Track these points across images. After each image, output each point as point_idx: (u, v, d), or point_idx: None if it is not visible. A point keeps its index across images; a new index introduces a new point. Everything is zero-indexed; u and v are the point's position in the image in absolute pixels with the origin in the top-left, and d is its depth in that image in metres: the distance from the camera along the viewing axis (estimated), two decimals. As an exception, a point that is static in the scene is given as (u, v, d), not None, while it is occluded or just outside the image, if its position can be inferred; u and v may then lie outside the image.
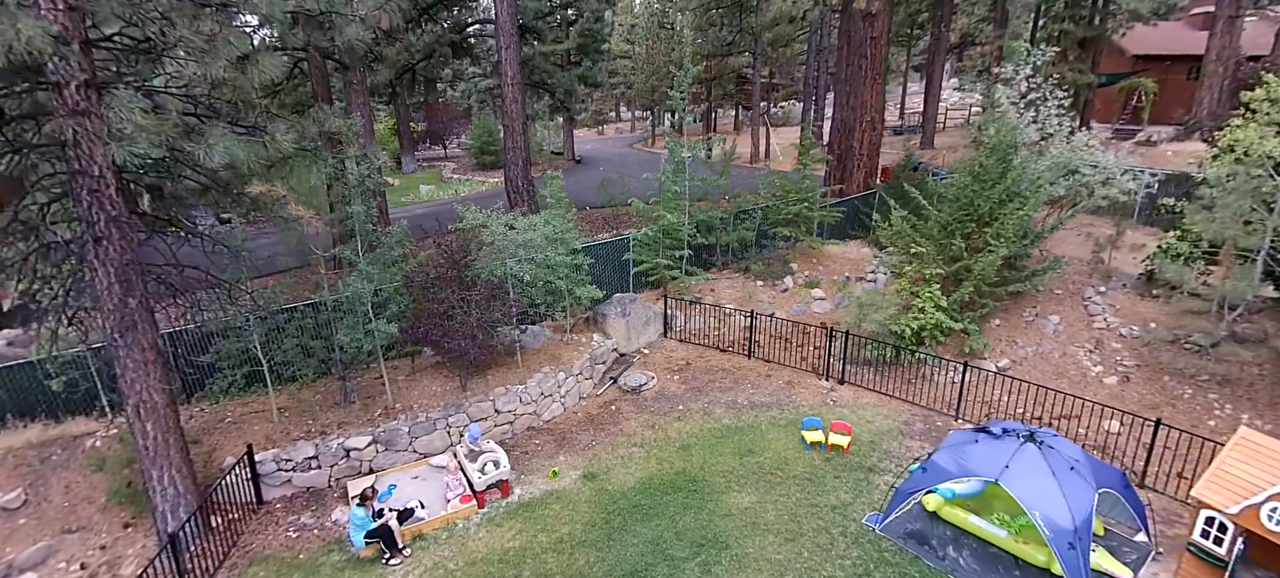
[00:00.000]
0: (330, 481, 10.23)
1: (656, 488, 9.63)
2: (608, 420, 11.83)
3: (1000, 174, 12.37)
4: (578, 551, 8.43)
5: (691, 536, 8.55)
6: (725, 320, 14.98)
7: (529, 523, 9.06)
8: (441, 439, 10.83)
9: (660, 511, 9.10)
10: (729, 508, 9.07)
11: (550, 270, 12.10)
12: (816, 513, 8.85)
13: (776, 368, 13.38)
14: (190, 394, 11.72)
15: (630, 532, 8.71)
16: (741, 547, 8.30)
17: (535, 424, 11.83)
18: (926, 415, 11.33)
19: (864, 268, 16.82)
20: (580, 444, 11.08)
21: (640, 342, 14.54)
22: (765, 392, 12.40)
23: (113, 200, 7.63)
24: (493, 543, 8.70)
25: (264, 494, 9.93)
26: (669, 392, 12.68)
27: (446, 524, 9.12)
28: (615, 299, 14.42)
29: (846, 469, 9.81)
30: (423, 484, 10.10)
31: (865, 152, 19.44)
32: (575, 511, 9.27)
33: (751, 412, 11.71)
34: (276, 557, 8.75)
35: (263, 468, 9.83)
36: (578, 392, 12.60)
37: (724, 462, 10.18)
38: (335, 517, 9.49)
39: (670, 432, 11.23)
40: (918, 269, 12.59)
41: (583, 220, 20.89)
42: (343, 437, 10.34)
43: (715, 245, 16.33)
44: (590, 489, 9.74)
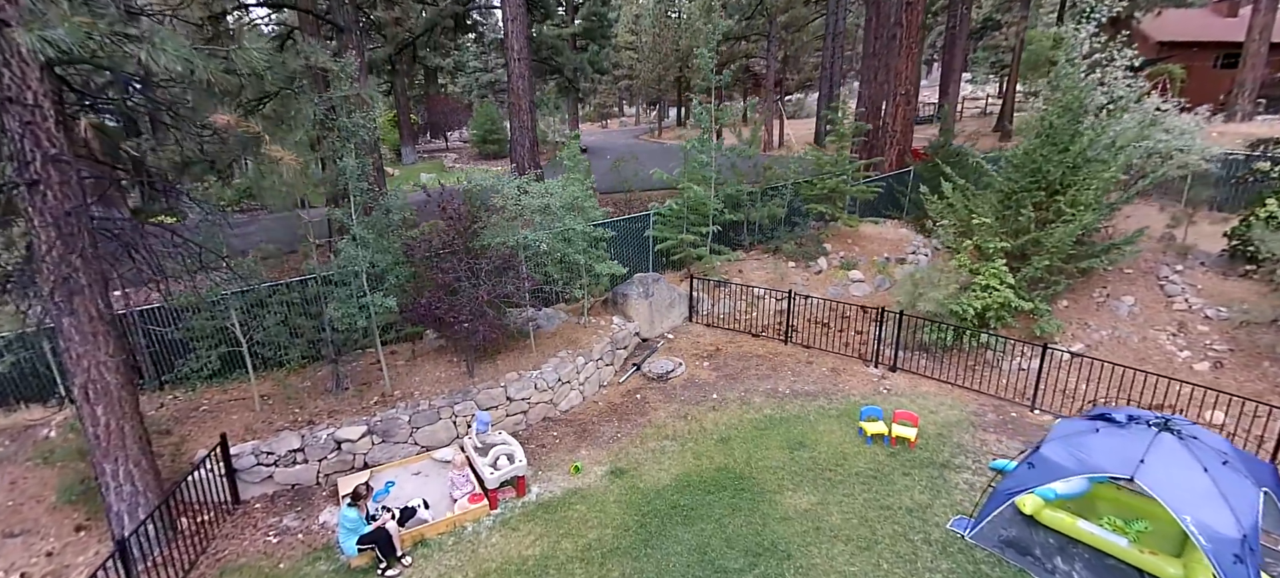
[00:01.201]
0: (318, 477, 8.88)
1: (696, 486, 8.29)
2: (633, 410, 10.49)
3: (1071, 136, 11.04)
4: (610, 560, 7.09)
5: (744, 542, 7.21)
6: (756, 303, 13.65)
7: (550, 526, 7.72)
8: (446, 430, 9.49)
9: (704, 512, 7.76)
10: (785, 510, 7.73)
11: (567, 243, 10.76)
12: (890, 517, 7.51)
13: (818, 354, 12.04)
14: (162, 381, 10.38)
15: (670, 537, 7.37)
16: (806, 557, 6.96)
17: (552, 415, 10.48)
18: (997, 405, 9.99)
19: (904, 249, 15.50)
20: (604, 437, 9.74)
21: (664, 326, 13.20)
22: (808, 380, 11.07)
23: (51, 136, 6.29)
24: (508, 550, 7.35)
25: (241, 493, 8.58)
26: (699, 379, 11.35)
27: (453, 528, 7.78)
28: (637, 279, 13.09)
29: (916, 466, 8.47)
30: (425, 481, 8.75)
31: (898, 127, 18.11)
32: (604, 512, 7.93)
33: (796, 401, 10.37)
34: (252, 566, 7.41)
35: (240, 462, 8.49)
36: (598, 379, 11.26)
37: (772, 456, 8.84)
38: (323, 519, 8.14)
39: (705, 423, 9.90)
40: (979, 243, 11.25)
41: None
42: (333, 427, 8.99)
43: (742, 223, 14.99)
44: (619, 488, 8.40)
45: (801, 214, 15.47)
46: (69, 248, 6.43)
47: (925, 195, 13.03)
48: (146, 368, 10.29)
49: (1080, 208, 10.43)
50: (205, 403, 9.88)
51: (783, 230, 15.29)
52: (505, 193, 9.85)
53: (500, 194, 9.90)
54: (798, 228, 15.41)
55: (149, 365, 10.25)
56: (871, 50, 20.38)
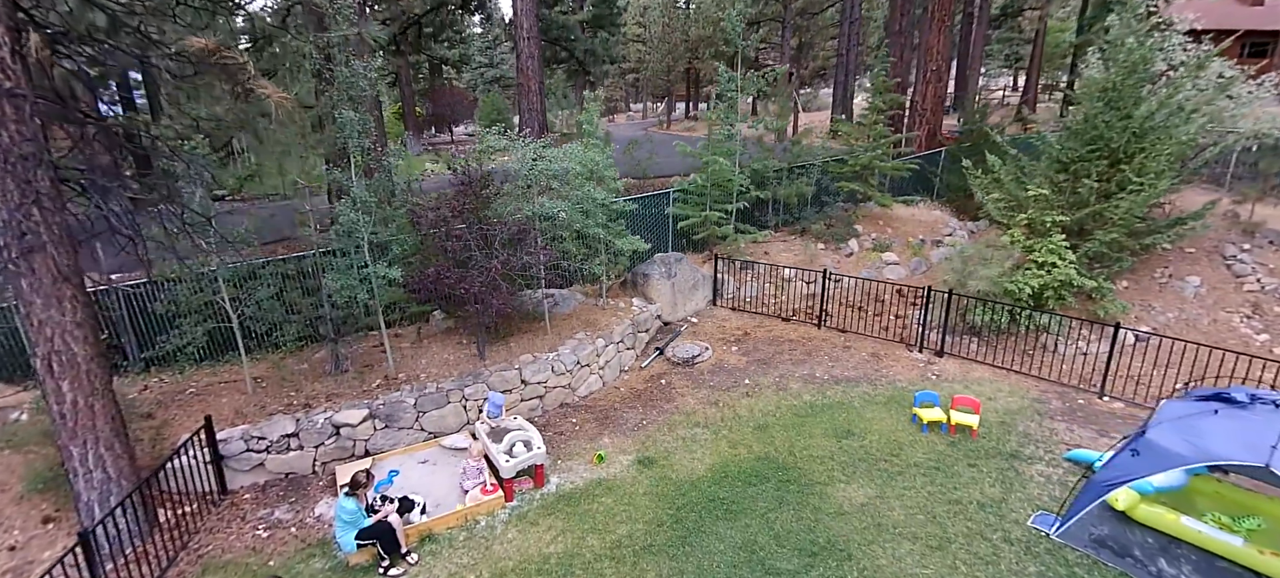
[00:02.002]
0: (315, 465, 8.04)
1: (735, 477, 7.41)
2: (658, 396, 9.61)
3: (1135, 100, 10.12)
4: (644, 559, 6.22)
5: (795, 540, 6.33)
6: (784, 286, 12.77)
7: (573, 521, 6.85)
8: (455, 415, 8.63)
9: (746, 506, 6.88)
10: (839, 504, 6.85)
11: (585, 215, 9.88)
12: (961, 512, 6.61)
13: (855, 338, 11.15)
14: (147, 363, 9.55)
15: (711, 533, 6.49)
16: (869, 557, 6.08)
17: (570, 400, 9.62)
18: (1060, 392, 9.08)
19: (940, 231, 14.59)
20: (628, 424, 8.87)
21: (687, 309, 12.32)
22: (848, 365, 10.18)
23: (5, 67, 5.46)
24: (526, 547, 6.49)
25: (229, 482, 7.74)
26: (728, 364, 10.46)
27: (464, 522, 6.92)
28: (658, 259, 12.21)
29: (982, 456, 7.58)
30: (432, 471, 7.90)
31: (928, 106, 17.20)
32: (633, 505, 7.06)
33: (836, 387, 9.48)
34: (238, 563, 6.56)
35: (227, 448, 7.65)
36: (619, 363, 10.39)
37: (817, 445, 7.96)
38: (319, 511, 7.30)
39: (739, 410, 9.02)
40: (1033, 218, 10.34)
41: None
42: (331, 410, 8.15)
43: (767, 203, 14.09)
44: (649, 478, 7.53)
45: (831, 193, 14.57)
46: (25, 195, 5.59)
47: (969, 170, 12.11)
48: (130, 349, 9.48)
49: (1150, 176, 9.51)
50: (192, 386, 9.05)
51: (810, 211, 14.40)
52: (520, 155, 8.97)
53: (516, 155, 9.01)
54: (826, 208, 14.52)
55: (133, 346, 9.44)
56: (897, 27, 19.49)
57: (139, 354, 9.40)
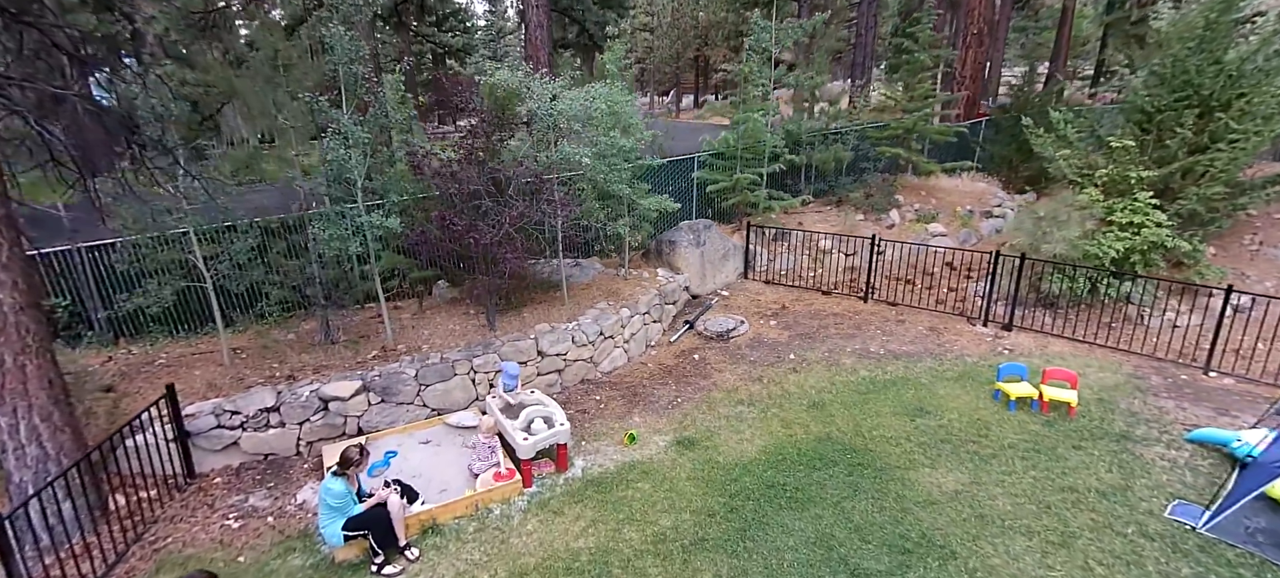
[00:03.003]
0: (299, 444, 6.89)
1: (794, 460, 6.26)
2: (692, 372, 8.46)
3: (1225, 46, 8.95)
4: (696, 555, 5.06)
5: (881, 534, 5.17)
6: (822, 258, 11.61)
7: (605, 510, 5.70)
8: (463, 390, 7.48)
9: (814, 493, 5.72)
10: (926, 491, 5.68)
11: (609, 167, 8.72)
12: (1079, 502, 5.45)
13: (908, 312, 9.99)
14: (116, 332, 8.42)
15: (775, 525, 5.33)
16: (977, 555, 4.91)
17: (592, 376, 8.47)
18: (1158, 367, 7.91)
19: (987, 201, 13.41)
20: (660, 401, 7.72)
21: (717, 281, 11.17)
22: (903, 340, 9.01)
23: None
24: (551, 540, 5.33)
25: (197, 463, 6.60)
26: (768, 338, 9.30)
27: (475, 511, 5.77)
28: (685, 226, 11.06)
29: (1087, 437, 6.41)
30: (436, 452, 6.76)
31: (968, 72, 16.01)
32: (675, 492, 5.90)
33: (896, 363, 8.31)
34: (201, 557, 5.41)
35: (196, 423, 6.50)
36: (645, 337, 9.24)
37: (886, 425, 6.80)
38: (302, 498, 6.16)
39: (787, 386, 7.86)
40: (1112, 176, 9.16)
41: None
42: (319, 382, 7.01)
43: (801, 169, 12.92)
44: (691, 462, 6.38)
45: (870, 159, 13.38)
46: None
47: (1030, 127, 10.93)
48: (95, 317, 8.35)
49: (1258, 122, 8.32)
50: (163, 357, 7.91)
51: (847, 179, 13.23)
52: (536, 92, 7.80)
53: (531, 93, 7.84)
54: (864, 176, 13.34)
55: (99, 314, 8.30)
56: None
57: (107, 325, 8.28)
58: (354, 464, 5.10)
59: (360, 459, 5.14)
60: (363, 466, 5.21)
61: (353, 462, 5.09)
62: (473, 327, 8.45)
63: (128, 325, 8.37)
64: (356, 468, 5.17)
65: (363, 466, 5.21)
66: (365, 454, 5.18)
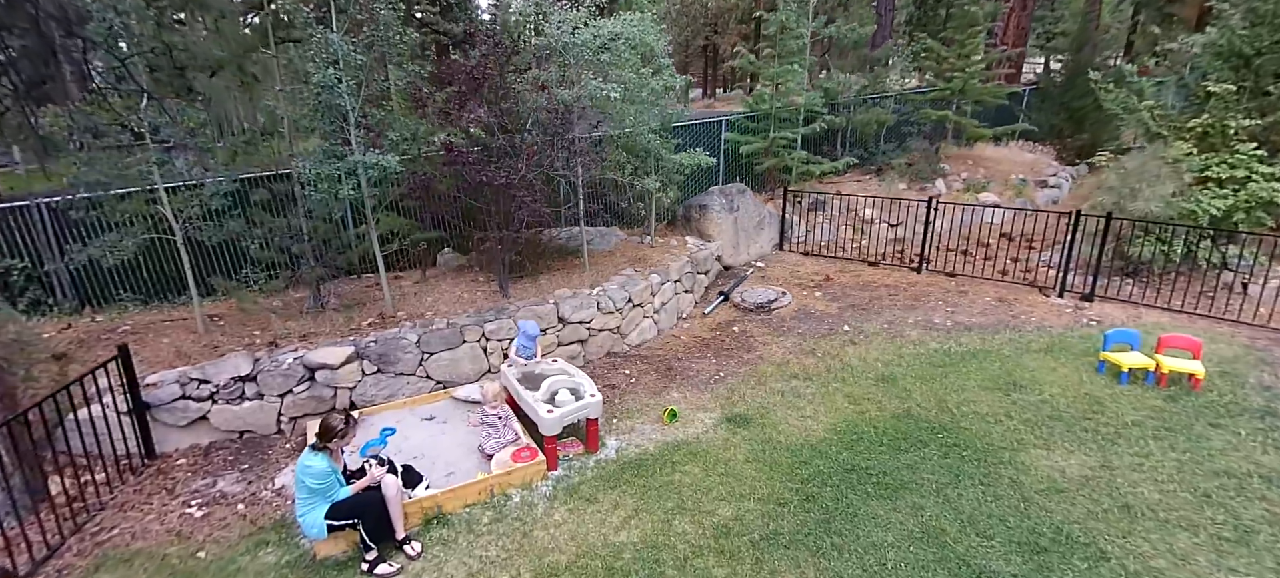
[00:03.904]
0: (280, 420, 5.86)
1: (873, 440, 5.20)
2: (733, 345, 7.41)
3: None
4: (770, 553, 4.00)
5: (1003, 529, 4.11)
6: (865, 229, 10.57)
7: (649, 497, 4.65)
8: (472, 359, 6.44)
9: (906, 479, 4.66)
10: (1047, 477, 4.63)
11: (639, 111, 7.66)
12: (1242, 490, 4.38)
13: (969, 282, 8.92)
14: (84, 300, 7.43)
15: (864, 517, 4.27)
16: (1134, 554, 3.85)
17: (619, 348, 7.42)
18: (1272, 337, 6.83)
19: (1041, 171, 12.35)
20: (700, 376, 6.67)
21: (751, 251, 10.11)
22: (971, 312, 7.94)
23: None
24: (585, 533, 4.28)
25: (159, 442, 5.57)
26: (815, 310, 8.25)
27: (489, 497, 4.72)
28: (716, 190, 10.00)
29: (1222, 414, 5.34)
30: (441, 431, 5.70)
31: (1011, 37, 14.92)
32: (733, 476, 4.85)
33: (968, 335, 7.25)
34: (151, 553, 4.38)
35: (158, 394, 5.47)
36: (676, 308, 8.19)
37: (976, 401, 5.74)
38: (282, 482, 5.12)
39: (847, 359, 6.80)
40: (1208, 126, 8.08)
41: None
42: (305, 349, 5.97)
43: (839, 134, 11.86)
44: (747, 441, 5.32)
45: (912, 123, 12.31)
46: None
47: (1098, 82, 9.85)
48: (60, 281, 7.35)
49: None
50: (128, 325, 6.89)
51: (888, 146, 12.17)
52: (555, 21, 6.74)
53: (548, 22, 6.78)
54: (907, 142, 12.27)
55: (64, 279, 7.30)
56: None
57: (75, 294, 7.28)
58: (337, 435, 4.05)
59: (346, 430, 4.08)
60: (349, 437, 4.16)
61: (335, 432, 4.04)
62: (483, 294, 7.41)
63: (95, 293, 7.38)
64: (341, 441, 4.12)
65: (349, 437, 4.16)
66: (352, 424, 4.13)
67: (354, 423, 4.18)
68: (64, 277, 7.36)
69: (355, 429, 4.26)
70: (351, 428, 4.14)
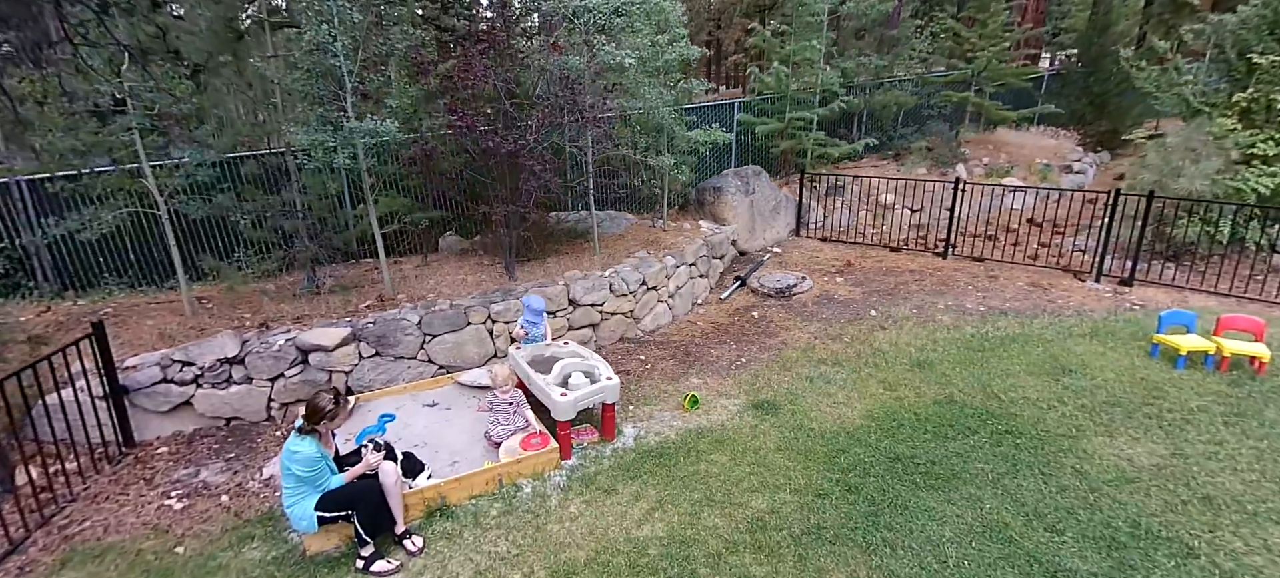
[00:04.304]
0: (270, 407, 5.43)
1: (915, 427, 4.78)
2: (753, 331, 6.98)
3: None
4: (813, 549, 3.58)
5: (1074, 523, 3.68)
6: (884, 214, 10.15)
7: (673, 487, 4.22)
8: (477, 343, 6.01)
9: (958, 468, 4.24)
10: (1114, 466, 4.20)
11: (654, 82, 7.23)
12: (1338, 477, 3.96)
13: (998, 267, 8.49)
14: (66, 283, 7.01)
15: (916, 510, 3.84)
16: (1225, 549, 3.43)
17: (632, 334, 7.00)
18: (1336, 322, 6.40)
19: (1064, 156, 11.92)
20: (720, 362, 6.24)
21: (768, 236, 9.68)
22: (1004, 297, 7.52)
23: None
24: (604, 527, 3.86)
25: (138, 430, 5.14)
26: (838, 295, 7.82)
27: (498, 487, 4.29)
28: (731, 172, 9.57)
29: (1296, 398, 4.92)
30: (445, 418, 5.27)
31: (1031, 18, 14.47)
32: (764, 465, 4.42)
33: (1005, 320, 6.82)
34: (124, 548, 3.95)
35: (137, 377, 5.05)
36: (691, 293, 7.76)
37: (1024, 386, 5.31)
38: (270, 472, 4.70)
39: (876, 344, 6.37)
40: (1257, 100, 7.65)
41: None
42: (298, 330, 5.55)
43: (856, 117, 11.43)
44: (776, 429, 4.90)
45: (932, 105, 11.88)
46: None
47: (1130, 60, 9.41)
48: (42, 264, 6.94)
49: None
50: (110, 308, 6.47)
51: (906, 130, 11.74)
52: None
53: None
54: (926, 125, 11.84)
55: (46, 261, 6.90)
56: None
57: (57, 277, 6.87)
58: (325, 416, 3.61)
59: (335, 410, 3.65)
60: (340, 418, 3.71)
61: (324, 413, 3.61)
62: (488, 277, 6.99)
63: (78, 276, 6.96)
64: (331, 423, 3.68)
65: (340, 418, 3.71)
66: (342, 403, 3.69)
67: (345, 403, 3.74)
68: (45, 258, 6.95)
69: (348, 409, 3.82)
70: (343, 408, 3.70)
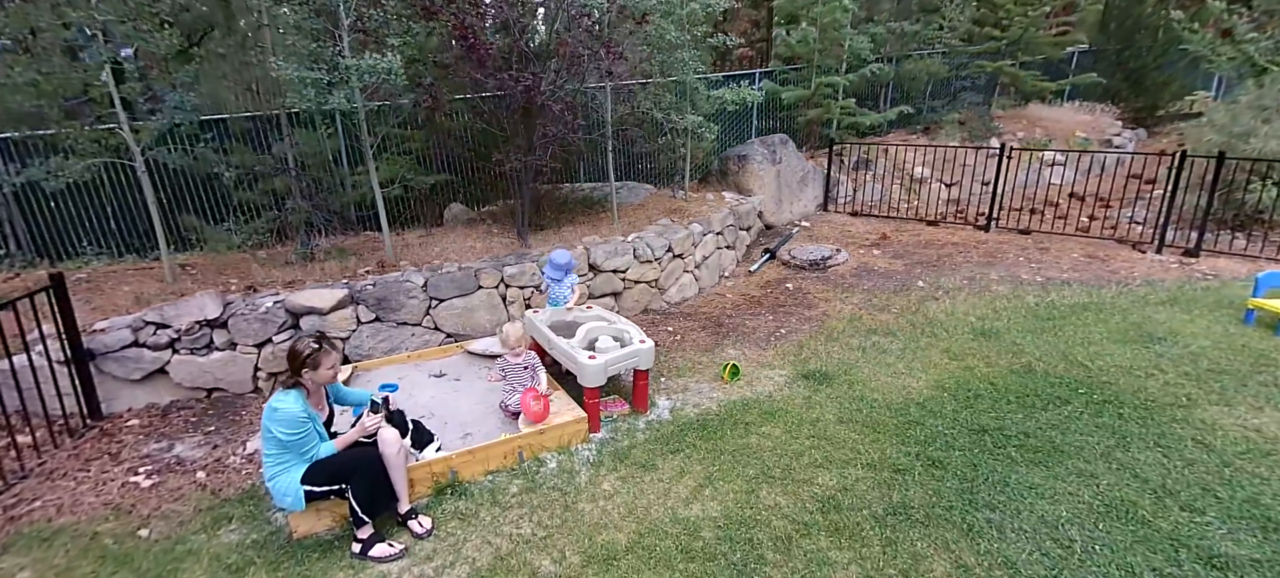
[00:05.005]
0: (257, 377, 4.83)
1: (998, 398, 4.17)
2: (789, 302, 6.37)
3: None
4: (904, 533, 2.97)
5: (1217, 502, 3.07)
6: (916, 188, 9.55)
7: (722, 462, 3.61)
8: (489, 309, 5.40)
9: (1056, 440, 3.63)
10: (1242, 437, 3.59)
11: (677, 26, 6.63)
12: None
13: (1049, 239, 7.89)
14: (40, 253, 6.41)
15: (1020, 487, 3.23)
16: None
17: (657, 305, 6.38)
18: None
19: (1104, 131, 11.30)
20: (758, 333, 5.62)
21: (795, 210, 9.07)
22: (1060, 268, 6.91)
23: None
24: (646, 506, 3.25)
25: (108, 400, 4.54)
26: (877, 268, 7.21)
27: (517, 462, 3.68)
28: (757, 141, 8.96)
29: None
30: (454, 389, 4.66)
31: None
32: (825, 438, 3.81)
33: (1069, 289, 6.21)
34: (78, 531, 3.34)
35: (104, 340, 4.44)
36: (718, 264, 7.16)
37: (1111, 354, 4.69)
38: (253, 447, 4.08)
39: (931, 314, 5.76)
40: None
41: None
42: (288, 293, 4.94)
43: (885, 88, 10.82)
44: (834, 400, 4.28)
45: (965, 76, 11.27)
46: None
47: (1182, 21, 8.80)
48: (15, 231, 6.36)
49: None
50: (85, 275, 5.86)
51: (936, 102, 11.12)
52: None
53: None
54: (958, 98, 11.23)
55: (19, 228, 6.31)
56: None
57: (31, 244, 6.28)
58: (306, 363, 2.99)
59: (316, 354, 3.02)
60: (324, 367, 3.07)
61: (303, 358, 2.99)
62: (499, 245, 6.38)
63: (53, 245, 6.37)
64: (315, 373, 3.06)
65: (324, 367, 3.07)
66: (325, 348, 3.06)
67: (330, 352, 3.10)
68: (17, 224, 6.37)
69: (332, 360, 3.15)
70: (326, 353, 3.06)
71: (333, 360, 3.08)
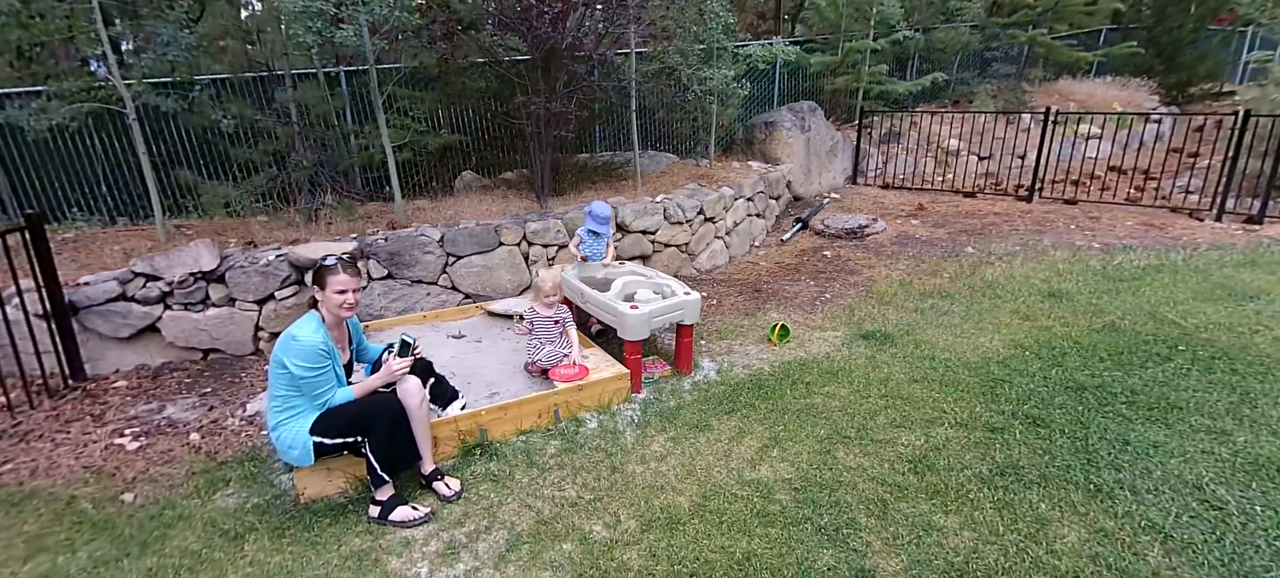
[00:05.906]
0: (258, 336, 4.39)
1: (1087, 355, 3.73)
2: (829, 269, 5.92)
3: None
4: (1020, 494, 2.52)
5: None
6: (950, 161, 9.10)
7: (785, 423, 3.17)
8: (510, 268, 4.96)
9: (1170, 397, 3.19)
10: (1382, 393, 3.14)
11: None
12: None
13: (1097, 208, 7.44)
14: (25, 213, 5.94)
15: (1139, 446, 2.79)
16: None
17: (687, 271, 5.94)
18: None
19: (1141, 105, 10.85)
20: (801, 298, 5.18)
21: (823, 181, 8.62)
22: (1114, 234, 6.46)
23: None
24: (705, 468, 2.81)
25: (93, 361, 4.10)
26: (918, 236, 6.76)
27: (553, 421, 3.24)
28: (785, 109, 8.51)
29: None
30: (475, 349, 4.20)
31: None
32: (899, 397, 3.37)
33: (1133, 254, 5.76)
34: (52, 495, 2.91)
35: (88, 293, 4.00)
36: (748, 232, 6.71)
37: (1203, 312, 4.26)
38: (253, 408, 3.64)
39: (988, 278, 5.32)
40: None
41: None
42: (292, 247, 4.50)
43: (912, 58, 10.37)
44: (901, 360, 3.84)
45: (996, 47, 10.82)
46: None
47: None
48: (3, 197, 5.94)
49: None
50: (72, 235, 5.42)
51: (966, 74, 10.67)
52: None
53: None
54: (989, 69, 10.78)
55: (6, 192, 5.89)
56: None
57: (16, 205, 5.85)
58: (327, 274, 2.56)
59: (327, 272, 2.57)
60: (331, 288, 2.58)
61: (329, 274, 2.55)
62: (515, 208, 5.92)
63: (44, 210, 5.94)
64: (324, 295, 2.60)
65: (331, 288, 2.58)
66: (336, 269, 2.59)
67: (346, 270, 2.61)
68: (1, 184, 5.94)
69: (350, 282, 2.63)
70: (337, 272, 2.58)
71: (343, 283, 2.59)
